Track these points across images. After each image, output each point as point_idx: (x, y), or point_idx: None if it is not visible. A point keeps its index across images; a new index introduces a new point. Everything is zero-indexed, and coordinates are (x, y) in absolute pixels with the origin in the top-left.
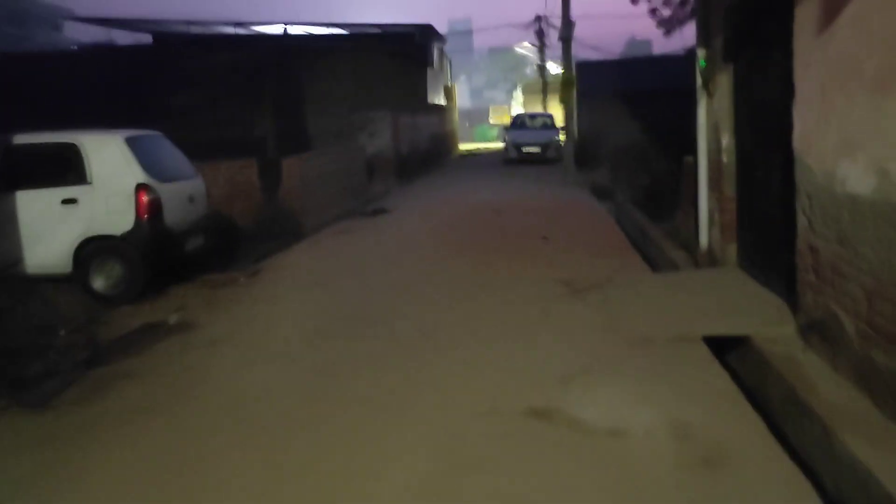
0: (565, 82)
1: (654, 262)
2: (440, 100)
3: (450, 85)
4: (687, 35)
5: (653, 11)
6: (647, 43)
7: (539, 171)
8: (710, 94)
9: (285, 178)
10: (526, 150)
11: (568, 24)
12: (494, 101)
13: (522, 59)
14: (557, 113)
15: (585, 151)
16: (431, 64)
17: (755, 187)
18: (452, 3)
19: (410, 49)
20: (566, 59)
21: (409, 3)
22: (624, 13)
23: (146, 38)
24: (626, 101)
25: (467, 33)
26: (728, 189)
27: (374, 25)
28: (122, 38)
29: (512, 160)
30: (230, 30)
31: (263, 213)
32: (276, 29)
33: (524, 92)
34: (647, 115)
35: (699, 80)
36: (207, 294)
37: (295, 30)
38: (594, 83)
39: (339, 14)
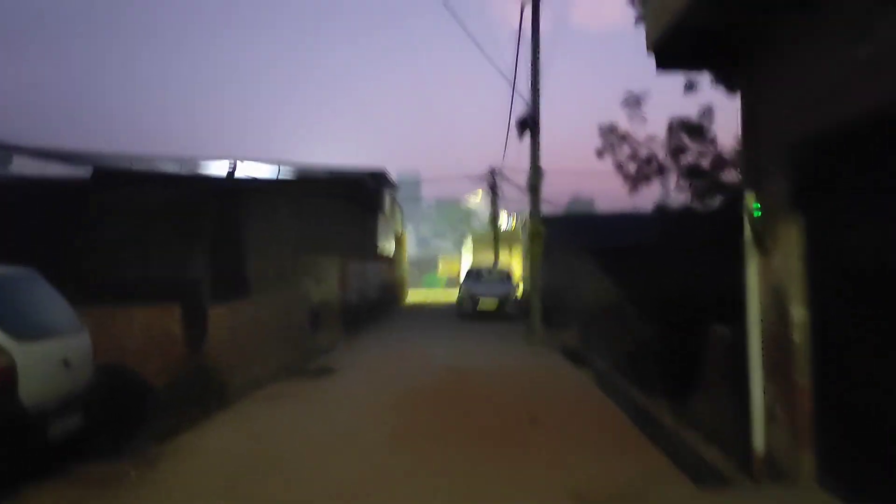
0: (534, 234)
1: (681, 462)
2: (390, 247)
3: (400, 233)
4: (647, 194)
5: (619, 166)
6: (590, 201)
7: (498, 328)
8: (765, 252)
9: (212, 328)
10: (483, 304)
11: (537, 171)
12: (442, 252)
13: (468, 212)
14: (513, 265)
15: (549, 309)
16: (383, 210)
17: (851, 376)
18: (401, 155)
19: (362, 194)
20: (534, 209)
21: (358, 151)
22: (571, 170)
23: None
24: (595, 257)
25: (415, 183)
26: (801, 377)
27: (326, 170)
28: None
29: (467, 314)
30: (174, 166)
31: (184, 370)
32: (222, 166)
33: (475, 243)
34: (619, 273)
35: (748, 233)
36: (75, 500)
37: (244, 166)
38: (557, 237)
39: (290, 154)
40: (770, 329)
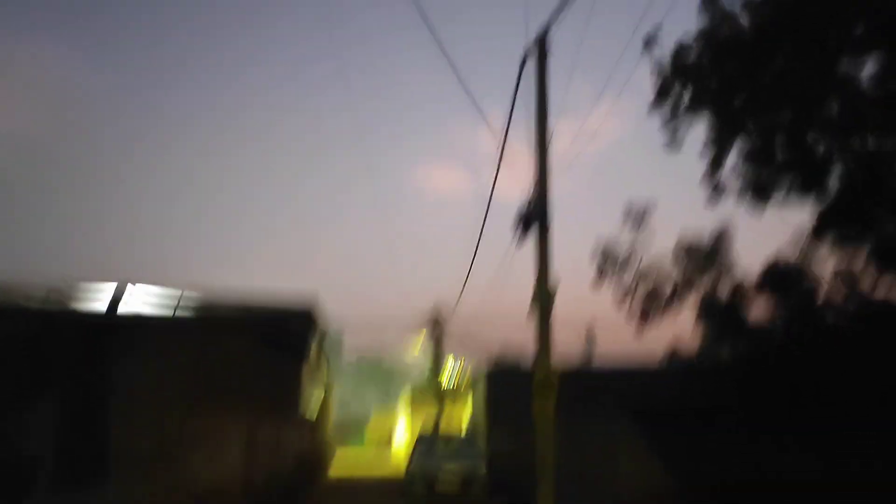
0: (543, 385)
1: None
2: (315, 406)
3: (326, 388)
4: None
5: (621, 299)
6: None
7: None
8: None
9: None
10: (441, 486)
11: (546, 288)
12: (363, 414)
13: (395, 369)
14: (462, 426)
15: (508, 483)
16: (308, 359)
17: None
18: (325, 304)
19: (283, 338)
20: (543, 346)
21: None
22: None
23: None
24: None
25: (336, 338)
26: None
27: (240, 302)
28: None
29: (418, 497)
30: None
31: None
32: (105, 294)
33: (410, 401)
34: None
35: None
36: None
37: (135, 291)
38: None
39: (196, 277)
40: None
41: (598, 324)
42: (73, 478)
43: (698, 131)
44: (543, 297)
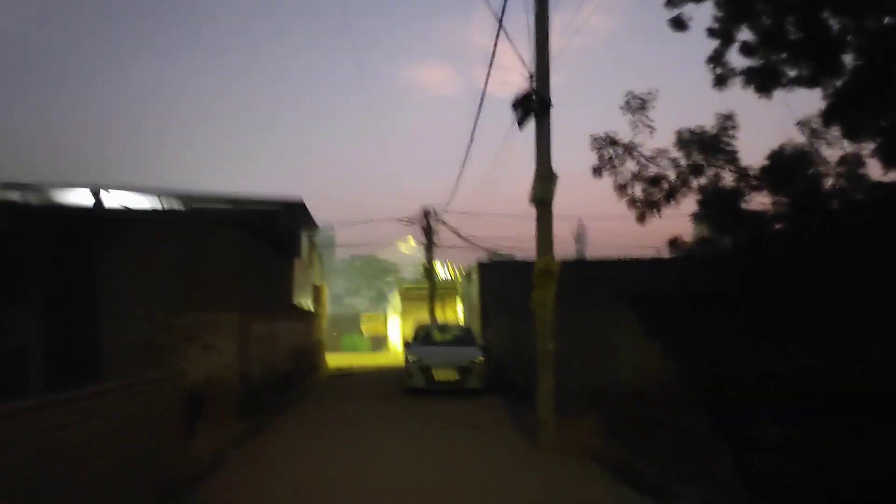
0: (545, 272)
1: None
2: (308, 302)
3: (319, 285)
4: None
5: (621, 188)
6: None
7: (473, 413)
8: None
9: None
10: (438, 375)
11: (547, 176)
12: (360, 310)
13: (388, 266)
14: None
15: (505, 377)
16: (300, 254)
17: None
18: (314, 200)
19: (274, 232)
20: (544, 235)
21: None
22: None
23: None
24: (625, 311)
25: (329, 236)
26: None
27: (224, 198)
28: None
29: (417, 389)
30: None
31: None
32: (84, 194)
33: (403, 298)
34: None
35: None
36: None
37: (113, 195)
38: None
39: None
40: None
41: (591, 223)
42: (64, 372)
43: (705, 10)
44: (544, 182)
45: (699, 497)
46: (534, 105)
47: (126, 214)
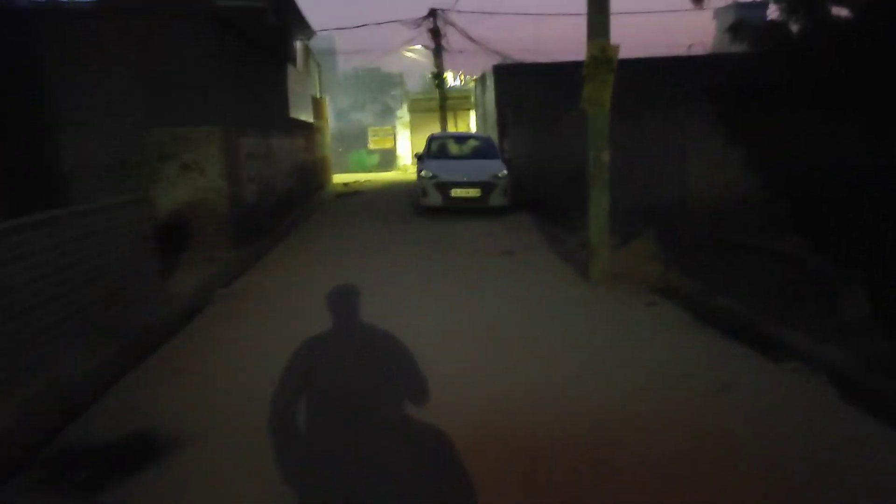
0: (599, 62)
1: None
2: (307, 115)
3: (319, 97)
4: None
5: None
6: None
7: (502, 236)
8: None
9: None
10: (458, 192)
11: None
12: (361, 124)
13: (392, 78)
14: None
15: (528, 194)
16: (294, 61)
17: None
18: (311, 6)
19: (259, 32)
20: (597, 18)
21: None
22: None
23: None
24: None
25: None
26: None
27: None
28: None
29: (432, 209)
30: None
31: None
32: None
33: (411, 110)
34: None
35: None
36: None
37: None
38: (527, 94)
39: None
40: None
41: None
42: (13, 197)
43: None
44: None
45: (821, 349)
46: None
47: (71, 7)
